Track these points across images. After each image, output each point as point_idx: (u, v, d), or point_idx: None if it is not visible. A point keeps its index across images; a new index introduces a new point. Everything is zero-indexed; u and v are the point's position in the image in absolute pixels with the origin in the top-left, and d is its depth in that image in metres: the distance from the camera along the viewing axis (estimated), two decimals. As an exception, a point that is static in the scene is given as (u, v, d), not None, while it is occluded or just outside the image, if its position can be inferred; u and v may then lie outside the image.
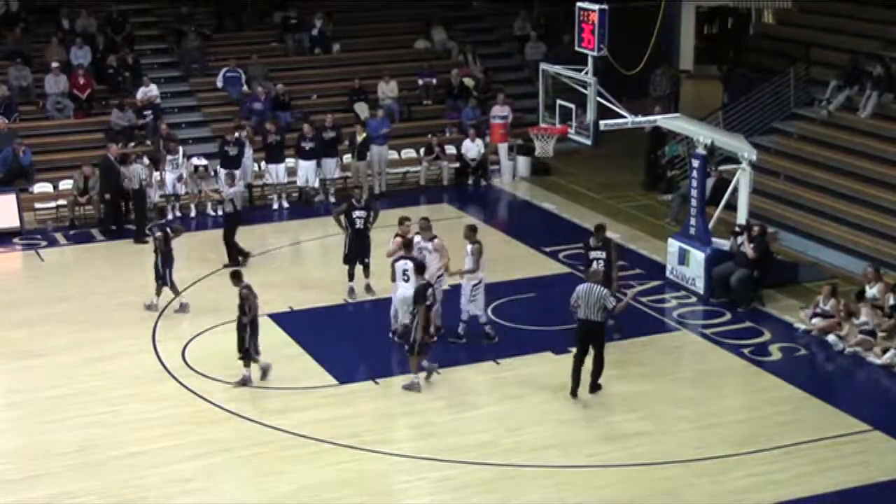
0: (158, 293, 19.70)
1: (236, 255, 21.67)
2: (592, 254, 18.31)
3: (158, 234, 19.75)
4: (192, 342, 18.64)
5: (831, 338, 18.40)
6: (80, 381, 17.28)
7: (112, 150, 24.23)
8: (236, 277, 16.92)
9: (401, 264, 17.88)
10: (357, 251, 20.15)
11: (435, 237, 18.50)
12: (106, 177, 23.94)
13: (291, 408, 16.50)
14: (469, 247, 18.24)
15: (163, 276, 19.62)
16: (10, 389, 17.30)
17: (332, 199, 25.87)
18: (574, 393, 16.57)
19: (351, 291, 20.31)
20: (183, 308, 19.74)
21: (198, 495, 14.32)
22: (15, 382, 17.48)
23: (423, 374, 16.97)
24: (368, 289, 20.28)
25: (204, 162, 25.59)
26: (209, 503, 14.21)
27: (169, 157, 24.85)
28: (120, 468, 14.88)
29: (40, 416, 16.28)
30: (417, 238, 18.42)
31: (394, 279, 17.99)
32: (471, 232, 18.48)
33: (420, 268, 17.21)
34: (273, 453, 15.25)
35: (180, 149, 25.18)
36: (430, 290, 16.85)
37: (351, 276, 20.27)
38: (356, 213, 20.09)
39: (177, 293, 19.78)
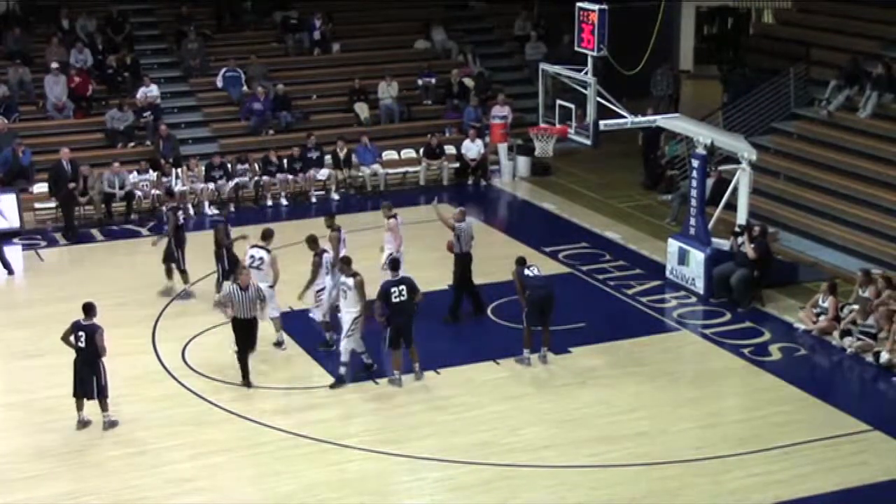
0: None
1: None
2: None
3: None
4: (191, 342, 18.65)
5: (835, 341, 18.42)
6: (80, 381, 17.28)
7: (64, 154, 24.37)
8: None
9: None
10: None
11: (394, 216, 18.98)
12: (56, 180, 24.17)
13: (291, 408, 16.51)
14: (350, 280, 16.89)
15: None
16: (10, 389, 17.30)
17: (336, 197, 26.29)
18: None
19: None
20: None
21: (198, 495, 14.34)
22: (15, 382, 17.50)
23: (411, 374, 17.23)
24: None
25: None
26: (209, 503, 14.23)
27: (163, 180, 25.08)
28: (120, 468, 14.91)
29: (40, 416, 16.29)
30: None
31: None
32: (346, 265, 17.09)
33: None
34: (273, 453, 15.27)
35: (173, 170, 25.42)
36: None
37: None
38: None
39: None
